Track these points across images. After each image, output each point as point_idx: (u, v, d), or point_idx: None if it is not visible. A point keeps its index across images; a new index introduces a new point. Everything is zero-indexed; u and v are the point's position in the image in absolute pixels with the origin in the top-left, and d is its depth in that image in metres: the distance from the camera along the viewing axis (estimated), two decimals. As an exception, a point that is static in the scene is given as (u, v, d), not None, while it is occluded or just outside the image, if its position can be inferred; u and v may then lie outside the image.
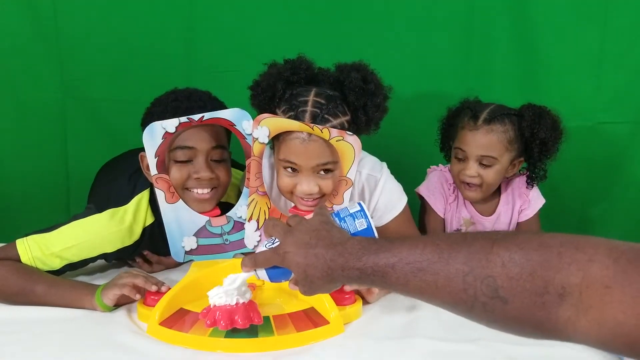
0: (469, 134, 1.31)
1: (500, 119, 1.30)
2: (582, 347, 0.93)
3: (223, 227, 1.18)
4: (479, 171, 1.32)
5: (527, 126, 1.30)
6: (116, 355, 0.90)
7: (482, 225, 1.43)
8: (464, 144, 1.32)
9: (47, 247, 1.13)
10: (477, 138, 1.30)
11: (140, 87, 1.58)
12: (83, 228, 1.16)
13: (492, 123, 1.29)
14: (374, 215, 1.27)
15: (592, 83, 1.60)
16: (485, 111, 1.31)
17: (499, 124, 1.29)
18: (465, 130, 1.32)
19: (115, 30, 1.61)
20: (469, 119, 1.32)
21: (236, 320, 0.91)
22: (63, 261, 1.14)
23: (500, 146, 1.30)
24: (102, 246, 1.17)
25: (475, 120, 1.30)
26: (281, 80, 1.11)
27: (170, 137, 1.11)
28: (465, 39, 1.60)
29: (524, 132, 1.31)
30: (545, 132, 1.30)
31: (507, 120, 1.30)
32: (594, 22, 1.56)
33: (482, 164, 1.31)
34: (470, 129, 1.31)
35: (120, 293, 1.05)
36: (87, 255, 1.17)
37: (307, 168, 1.09)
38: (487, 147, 1.30)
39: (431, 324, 1.02)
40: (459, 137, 1.34)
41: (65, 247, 1.13)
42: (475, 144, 1.30)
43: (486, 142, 1.29)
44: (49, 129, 1.66)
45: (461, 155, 1.33)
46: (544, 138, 1.30)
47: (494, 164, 1.32)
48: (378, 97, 1.12)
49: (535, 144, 1.31)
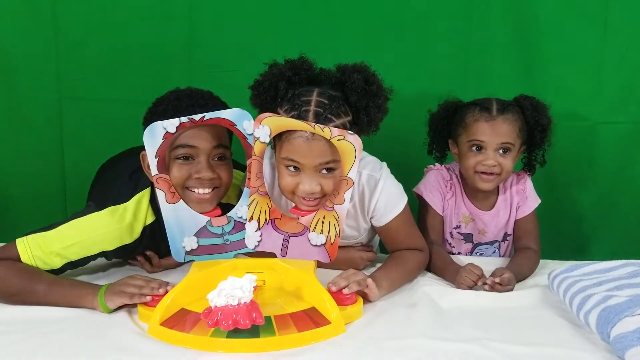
0: (486, 125, 1.35)
1: (510, 108, 1.37)
2: (582, 347, 0.94)
3: (224, 227, 1.18)
4: (498, 159, 1.35)
5: (530, 114, 1.37)
6: (117, 355, 0.90)
7: (482, 220, 1.44)
8: (482, 135, 1.35)
9: (47, 246, 1.12)
10: (497, 127, 1.34)
11: (140, 87, 1.58)
12: (83, 226, 1.15)
13: (505, 112, 1.35)
14: (374, 215, 1.27)
15: (592, 83, 1.61)
16: (494, 103, 1.37)
17: (510, 112, 1.36)
18: (480, 121, 1.35)
19: (114, 30, 1.61)
20: (480, 111, 1.36)
21: (238, 320, 0.91)
22: (63, 259, 1.14)
23: (515, 134, 1.36)
24: (102, 244, 1.17)
25: (488, 111, 1.35)
26: (283, 80, 1.12)
27: (171, 137, 1.11)
28: (464, 39, 1.61)
29: (528, 120, 1.38)
30: (545, 119, 1.38)
31: (514, 109, 1.37)
32: (595, 22, 1.57)
33: (500, 153, 1.35)
34: (486, 119, 1.35)
35: (130, 302, 1.05)
36: (87, 253, 1.16)
37: (309, 167, 1.10)
38: (506, 135, 1.35)
39: (431, 323, 1.03)
40: (473, 130, 1.36)
41: (65, 246, 1.13)
42: (495, 132, 1.34)
43: (504, 129, 1.34)
44: (46, 129, 1.66)
45: (479, 146, 1.36)
46: (544, 124, 1.38)
47: (511, 150, 1.37)
48: (380, 98, 1.13)
49: (537, 130, 1.38)
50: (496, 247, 1.48)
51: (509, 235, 1.47)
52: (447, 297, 1.14)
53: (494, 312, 1.09)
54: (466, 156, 1.38)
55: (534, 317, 1.07)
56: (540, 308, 1.11)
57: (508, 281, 1.18)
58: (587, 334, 0.99)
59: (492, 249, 1.47)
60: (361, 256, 1.31)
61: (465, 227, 1.46)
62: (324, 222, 1.16)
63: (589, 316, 0.99)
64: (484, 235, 1.46)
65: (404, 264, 1.24)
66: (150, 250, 1.26)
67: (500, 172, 1.36)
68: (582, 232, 1.74)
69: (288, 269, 1.14)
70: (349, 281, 1.08)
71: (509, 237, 1.47)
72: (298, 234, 1.18)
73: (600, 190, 1.69)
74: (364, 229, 1.31)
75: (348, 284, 1.07)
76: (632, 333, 0.89)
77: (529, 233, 1.42)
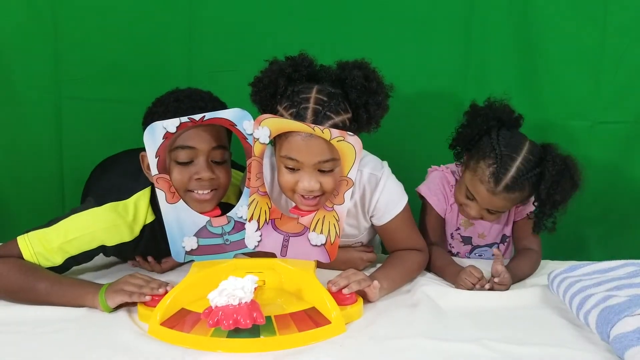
0: (486, 193, 1.27)
1: (521, 186, 1.26)
2: (582, 347, 0.94)
3: (224, 227, 1.18)
4: (483, 214, 1.34)
5: (544, 189, 1.26)
6: (117, 355, 0.90)
7: (481, 224, 1.44)
8: (478, 195, 1.29)
9: (48, 242, 1.12)
10: (493, 200, 1.28)
11: (140, 87, 1.58)
12: (83, 220, 1.15)
13: (511, 191, 1.26)
14: (375, 214, 1.27)
15: (591, 83, 1.60)
16: (509, 175, 1.25)
17: (518, 191, 1.26)
18: (483, 186, 1.27)
19: (114, 30, 1.61)
20: (489, 177, 1.25)
21: (239, 320, 0.92)
22: (65, 255, 1.14)
23: (512, 205, 1.34)
24: (102, 238, 1.16)
25: (496, 182, 1.25)
26: (283, 77, 1.11)
27: (171, 137, 1.11)
28: (464, 37, 1.60)
29: (540, 194, 1.28)
30: (561, 195, 1.27)
31: (527, 184, 1.26)
32: (594, 21, 1.56)
33: (489, 211, 1.33)
34: (488, 189, 1.26)
35: (130, 300, 1.05)
36: (87, 247, 1.16)
37: (308, 165, 1.10)
38: (500, 207, 1.32)
39: (431, 323, 1.03)
40: (475, 184, 1.29)
41: (66, 240, 1.13)
42: (490, 203, 1.29)
43: (501, 204, 1.30)
44: (45, 129, 1.66)
45: (471, 197, 1.32)
46: (557, 200, 1.28)
47: (502, 214, 1.37)
48: (380, 95, 1.13)
49: (549, 201, 1.28)
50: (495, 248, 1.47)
51: (508, 237, 1.47)
52: (447, 297, 1.14)
53: (494, 312, 1.09)
54: (460, 189, 1.36)
55: (534, 317, 1.07)
56: (540, 308, 1.11)
57: (507, 281, 1.19)
58: (587, 334, 0.99)
59: (491, 251, 1.47)
60: (361, 257, 1.31)
61: (464, 231, 1.45)
62: (324, 222, 1.16)
63: (589, 316, 0.99)
64: (483, 238, 1.46)
65: (403, 264, 1.24)
66: (150, 249, 1.26)
67: (481, 218, 1.36)
68: (582, 232, 1.74)
69: (288, 269, 1.14)
70: (349, 281, 1.08)
71: (507, 239, 1.47)
72: (298, 234, 1.18)
73: (599, 190, 1.69)
74: (364, 227, 1.31)
75: (348, 284, 1.07)
76: (631, 333, 0.89)
77: (530, 234, 1.42)
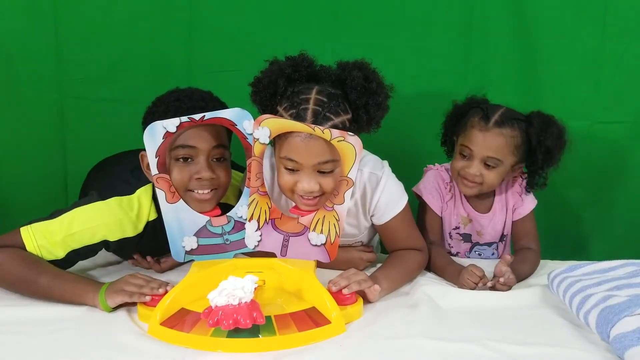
0: (479, 134, 1.32)
1: (511, 123, 1.31)
2: (582, 347, 0.95)
3: (224, 226, 1.18)
4: (481, 171, 1.33)
5: (534, 133, 1.32)
6: (117, 355, 0.90)
7: (479, 222, 1.44)
8: (472, 143, 1.33)
9: (51, 235, 1.12)
10: (487, 139, 1.31)
11: (140, 87, 1.58)
12: (87, 214, 1.15)
13: (502, 126, 1.31)
14: (375, 213, 1.27)
15: (591, 83, 1.61)
16: (497, 113, 1.32)
17: (509, 127, 1.31)
18: (475, 129, 1.33)
19: (115, 30, 1.61)
20: (479, 119, 1.32)
21: (239, 319, 0.92)
22: (67, 248, 1.14)
23: (507, 150, 1.32)
24: (105, 232, 1.16)
25: (486, 121, 1.31)
26: (283, 77, 1.11)
27: (171, 136, 1.11)
28: (464, 38, 1.61)
29: (531, 139, 1.32)
30: (552, 141, 1.32)
31: (516, 125, 1.32)
32: (594, 21, 1.57)
33: (486, 165, 1.33)
34: (480, 129, 1.32)
35: (130, 300, 1.05)
36: (90, 241, 1.15)
37: (308, 166, 1.10)
38: (494, 149, 1.31)
39: (431, 323, 1.03)
40: (467, 135, 1.34)
41: (69, 233, 1.13)
42: (484, 144, 1.31)
43: (495, 144, 1.31)
44: (47, 129, 1.66)
45: (467, 153, 1.34)
46: (549, 146, 1.32)
47: (498, 166, 1.33)
48: (380, 95, 1.13)
49: (540, 151, 1.33)
50: (494, 248, 1.48)
51: (506, 236, 1.47)
52: (447, 297, 1.14)
53: (494, 312, 1.09)
54: (455, 158, 1.38)
55: (534, 316, 1.07)
56: (540, 308, 1.11)
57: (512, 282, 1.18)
58: (587, 334, 0.99)
59: (491, 250, 1.47)
60: (361, 257, 1.31)
61: (464, 228, 1.46)
62: (324, 222, 1.16)
63: (589, 316, 0.99)
64: (481, 237, 1.46)
65: (403, 263, 1.24)
66: (151, 246, 1.26)
67: (481, 182, 1.35)
68: (581, 232, 1.74)
69: (288, 269, 1.14)
70: (349, 281, 1.08)
71: (505, 238, 1.47)
72: (298, 234, 1.18)
73: (599, 190, 1.69)
74: (364, 227, 1.31)
75: (348, 284, 1.07)
76: (631, 333, 0.89)
77: (528, 234, 1.43)
